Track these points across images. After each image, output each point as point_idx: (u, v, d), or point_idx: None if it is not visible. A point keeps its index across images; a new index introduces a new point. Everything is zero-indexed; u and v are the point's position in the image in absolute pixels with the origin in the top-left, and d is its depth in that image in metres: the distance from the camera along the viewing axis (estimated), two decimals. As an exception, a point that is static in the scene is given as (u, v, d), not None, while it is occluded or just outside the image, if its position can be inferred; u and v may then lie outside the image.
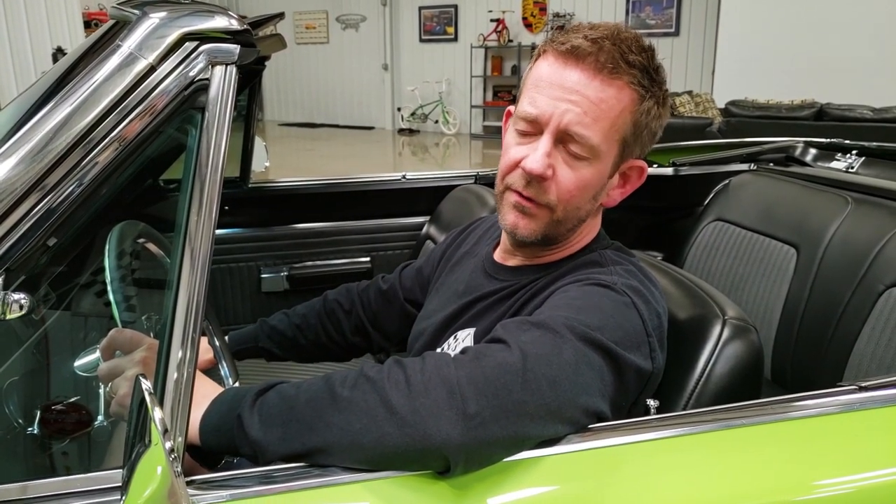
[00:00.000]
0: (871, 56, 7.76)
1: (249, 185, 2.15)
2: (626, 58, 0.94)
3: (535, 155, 0.95)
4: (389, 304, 1.40)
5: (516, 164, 0.98)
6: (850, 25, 7.88)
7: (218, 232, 2.16)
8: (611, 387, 0.86)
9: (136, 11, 0.83)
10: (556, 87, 0.95)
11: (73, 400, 1.02)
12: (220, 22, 0.81)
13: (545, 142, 0.95)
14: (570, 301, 0.91)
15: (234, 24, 0.82)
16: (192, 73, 0.80)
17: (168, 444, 0.64)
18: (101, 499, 0.74)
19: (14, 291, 0.74)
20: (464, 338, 1.07)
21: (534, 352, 0.80)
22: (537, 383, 0.78)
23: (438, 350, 1.10)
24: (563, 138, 0.95)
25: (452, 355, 0.82)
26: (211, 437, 0.83)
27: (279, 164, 9.46)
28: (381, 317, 1.40)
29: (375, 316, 1.40)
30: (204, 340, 1.24)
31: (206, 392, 0.87)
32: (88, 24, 8.39)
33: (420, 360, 0.81)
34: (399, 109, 13.03)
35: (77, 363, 1.07)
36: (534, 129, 0.97)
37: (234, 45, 0.81)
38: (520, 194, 0.99)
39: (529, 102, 0.97)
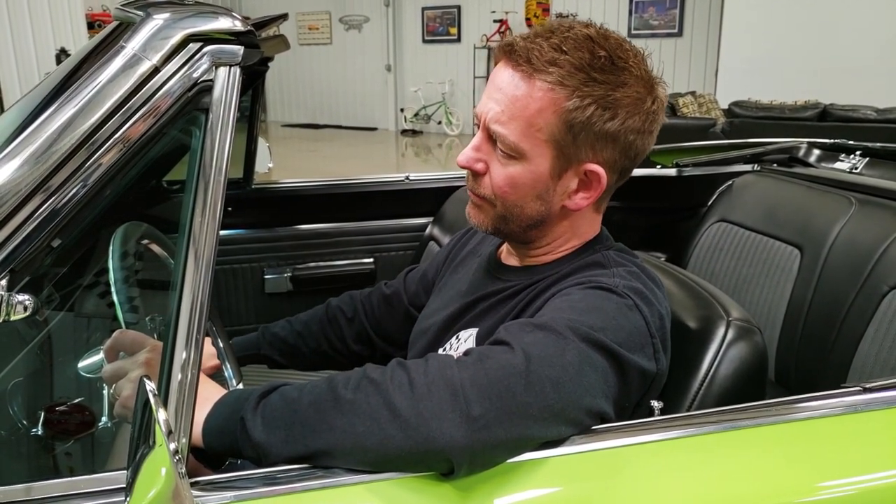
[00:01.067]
0: (875, 57, 7.75)
1: (253, 186, 2.16)
2: (553, 57, 0.91)
3: (465, 149, 1.01)
4: (393, 309, 1.39)
5: None
6: (854, 26, 7.87)
7: (221, 233, 2.17)
8: (614, 388, 0.86)
9: (139, 13, 0.83)
10: (490, 85, 0.98)
11: (76, 401, 1.02)
12: (223, 23, 0.81)
13: (476, 138, 1.00)
14: (572, 304, 0.91)
15: (238, 26, 0.82)
16: (195, 75, 0.80)
17: (172, 446, 0.64)
18: (105, 500, 0.74)
19: (18, 293, 0.74)
20: (466, 338, 1.07)
21: (537, 353, 0.80)
22: (541, 385, 0.78)
23: (440, 350, 1.10)
24: (492, 136, 0.98)
25: (455, 357, 0.83)
26: (214, 440, 0.83)
27: (282, 165, 9.47)
28: (384, 322, 1.39)
29: (379, 322, 1.39)
30: (208, 344, 1.25)
31: (208, 394, 0.87)
32: (92, 26, 8.41)
33: (423, 362, 0.81)
34: (402, 110, 13.03)
35: (81, 364, 1.07)
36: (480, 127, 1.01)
37: (238, 47, 0.81)
38: (470, 189, 1.04)
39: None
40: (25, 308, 0.74)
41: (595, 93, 0.92)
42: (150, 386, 0.67)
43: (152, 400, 0.65)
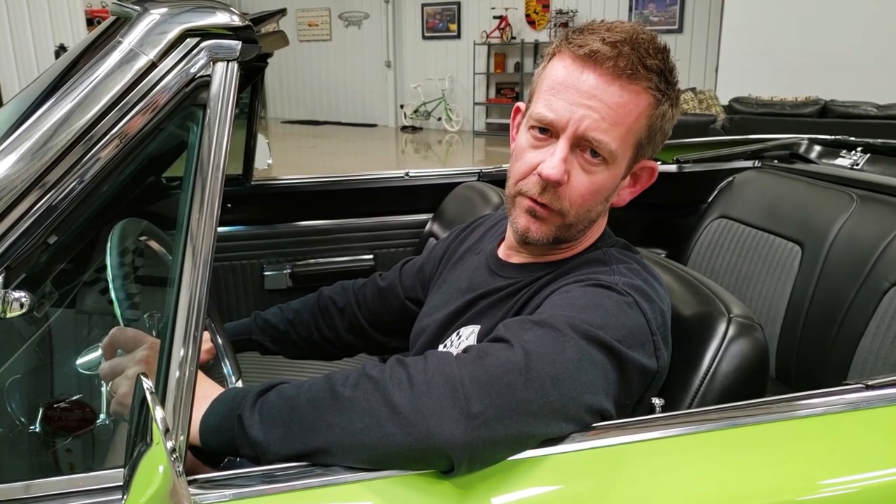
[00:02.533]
0: (876, 52, 7.73)
1: (252, 183, 2.15)
2: (644, 62, 0.92)
3: (552, 161, 0.94)
4: (388, 302, 1.38)
5: (531, 170, 0.97)
6: (855, 21, 7.85)
7: (221, 229, 2.18)
8: (614, 385, 0.85)
9: (137, 7, 0.82)
10: (572, 91, 0.93)
11: (75, 398, 1.01)
12: (221, 18, 0.81)
13: (562, 147, 0.94)
14: (571, 301, 0.91)
15: (236, 21, 0.81)
16: (193, 70, 0.79)
17: (169, 444, 0.63)
18: (103, 498, 0.74)
19: (14, 289, 0.74)
20: (467, 335, 1.06)
21: (536, 350, 0.80)
22: (540, 382, 0.78)
23: (441, 347, 1.09)
24: (579, 143, 0.94)
25: (455, 354, 0.82)
26: (211, 438, 0.83)
27: (282, 161, 9.47)
28: (379, 315, 1.39)
29: (373, 314, 1.39)
30: (205, 338, 1.24)
31: (206, 392, 0.87)
32: (91, 22, 8.39)
33: (422, 359, 0.81)
34: (402, 107, 13.02)
35: (79, 361, 1.06)
36: (549, 132, 0.96)
37: (236, 42, 0.81)
38: (534, 200, 0.98)
39: (545, 105, 0.95)
40: (22, 305, 0.74)
41: (672, 95, 0.96)
42: (148, 384, 0.67)
43: (149, 398, 0.65)
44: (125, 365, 0.93)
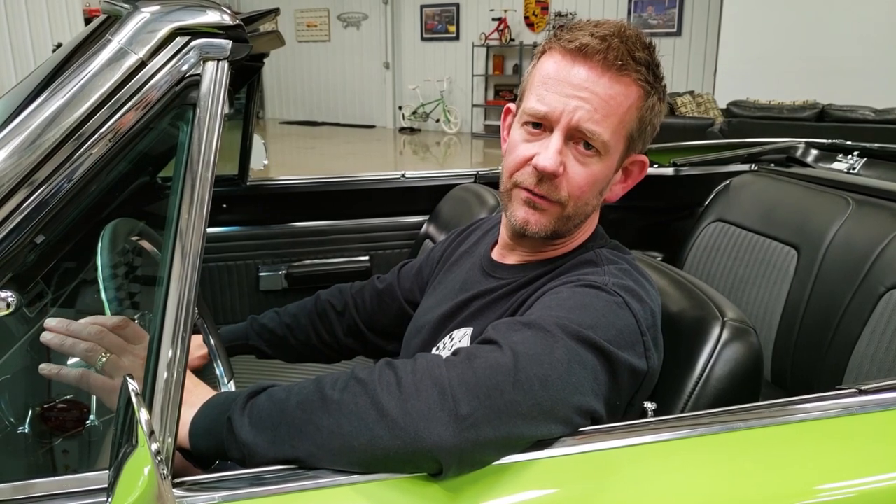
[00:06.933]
0: (874, 57, 7.75)
1: (248, 183, 2.15)
2: (633, 55, 0.94)
3: (548, 153, 0.94)
4: (386, 305, 1.38)
5: (526, 162, 0.98)
6: (853, 26, 7.87)
7: (216, 230, 2.17)
8: (604, 386, 0.85)
9: (127, 6, 0.82)
10: (565, 85, 0.94)
11: (65, 398, 1.01)
12: (211, 17, 0.80)
13: (556, 139, 0.95)
14: (561, 301, 0.90)
15: (227, 20, 0.81)
16: (183, 69, 0.79)
17: (154, 446, 0.63)
18: (89, 500, 0.73)
19: (0, 289, 0.73)
20: (460, 337, 1.05)
21: (525, 352, 0.79)
22: (529, 383, 0.77)
23: (434, 349, 1.09)
24: (573, 135, 0.95)
25: (444, 356, 0.82)
26: (201, 441, 0.82)
27: (280, 161, 9.47)
28: (376, 318, 1.38)
29: (371, 317, 1.38)
30: (197, 337, 1.23)
31: (197, 396, 0.86)
32: (89, 21, 8.38)
33: (411, 362, 0.80)
34: (400, 108, 13.02)
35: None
36: (543, 126, 0.97)
37: (226, 41, 0.80)
38: (530, 191, 0.98)
39: (538, 100, 0.96)
40: (8, 305, 0.73)
41: (660, 89, 0.98)
42: (133, 385, 0.66)
43: (134, 400, 0.64)
44: (120, 350, 0.92)
